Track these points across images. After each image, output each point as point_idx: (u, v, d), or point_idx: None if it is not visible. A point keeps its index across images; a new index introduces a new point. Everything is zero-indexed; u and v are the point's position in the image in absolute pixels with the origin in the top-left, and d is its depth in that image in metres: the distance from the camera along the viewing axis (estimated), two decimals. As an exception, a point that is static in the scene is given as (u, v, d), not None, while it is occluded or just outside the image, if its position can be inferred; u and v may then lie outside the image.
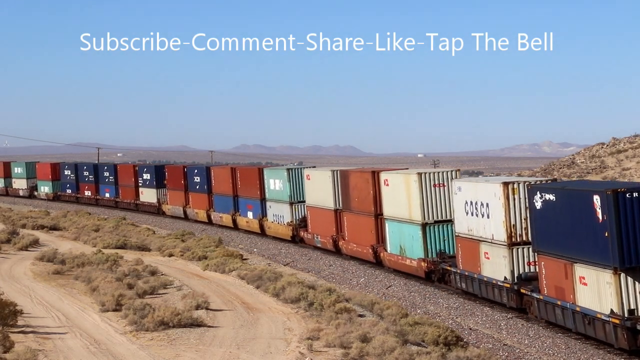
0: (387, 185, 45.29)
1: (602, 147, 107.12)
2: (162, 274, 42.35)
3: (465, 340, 30.19)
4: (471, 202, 36.88)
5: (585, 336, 29.92)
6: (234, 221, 69.18)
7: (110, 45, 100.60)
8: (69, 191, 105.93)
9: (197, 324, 29.82)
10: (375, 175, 47.17)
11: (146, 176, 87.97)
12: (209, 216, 74.29)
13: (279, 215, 61.40)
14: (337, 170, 52.98)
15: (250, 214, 66.61)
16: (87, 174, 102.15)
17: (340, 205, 51.75)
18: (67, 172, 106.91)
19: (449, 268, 39.87)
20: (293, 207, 59.52)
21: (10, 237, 56.83)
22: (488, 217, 35.43)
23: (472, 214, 36.91)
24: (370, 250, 47.41)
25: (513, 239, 34.10)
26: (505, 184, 34.33)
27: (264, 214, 64.00)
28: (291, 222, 59.52)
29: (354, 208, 49.76)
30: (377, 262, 47.18)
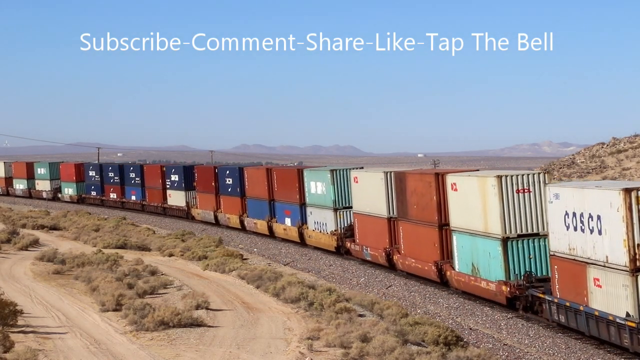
0: (455, 190, 38.54)
1: (602, 147, 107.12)
2: (162, 274, 42.34)
3: (465, 340, 30.18)
4: (574, 214, 29.63)
5: None
6: (270, 228, 62.40)
7: (110, 45, 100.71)
8: (93, 193, 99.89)
9: (197, 323, 29.82)
10: (439, 178, 40.50)
11: (174, 177, 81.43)
12: (241, 222, 67.73)
13: (321, 222, 54.58)
14: (390, 172, 46.26)
15: (288, 221, 59.78)
16: (113, 174, 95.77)
17: (395, 212, 45.01)
18: (91, 173, 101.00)
19: (541, 295, 32.48)
20: (337, 213, 52.65)
21: (10, 237, 56.84)
22: (600, 233, 28.15)
23: (575, 229, 29.63)
24: (433, 268, 40.48)
25: (638, 263, 26.68)
26: (627, 191, 26.80)
27: (303, 220, 57.12)
28: (336, 231, 52.53)
29: (412, 216, 42.92)
30: (443, 282, 40.42)
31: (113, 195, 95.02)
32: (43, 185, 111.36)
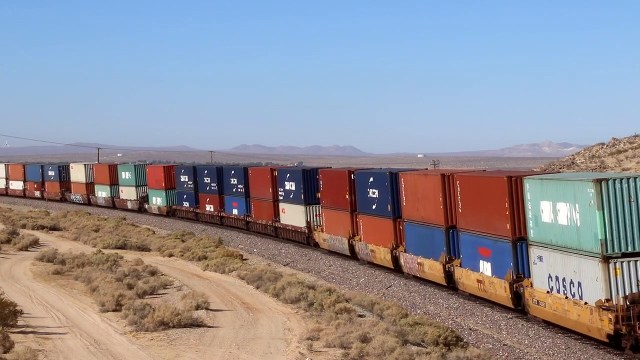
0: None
1: (602, 147, 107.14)
2: (162, 274, 42.36)
3: (465, 340, 30.17)
4: None
5: None
6: (448, 276, 39.21)
7: (111, 45, 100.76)
8: (186, 204, 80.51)
9: (197, 324, 29.81)
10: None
11: (289, 185, 59.96)
12: (394, 258, 44.80)
13: (568, 281, 30.12)
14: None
15: (485, 267, 35.94)
16: (209, 180, 75.85)
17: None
18: (183, 178, 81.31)
19: None
20: (614, 265, 28.46)
21: (10, 237, 56.83)
22: None
23: None
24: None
25: None
26: None
27: (521, 269, 33.55)
28: (608, 304, 29.33)
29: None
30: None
31: (209, 208, 75.75)
32: (128, 194, 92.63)
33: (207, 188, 75.85)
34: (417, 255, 42.01)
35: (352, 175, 50.23)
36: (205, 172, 76.85)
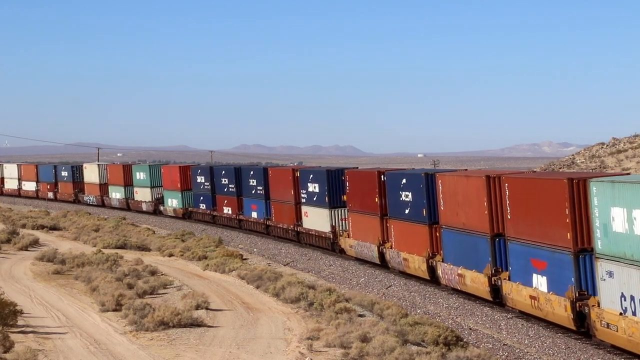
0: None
1: (602, 147, 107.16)
2: (162, 274, 42.37)
3: (465, 340, 30.17)
4: None
5: None
6: (494, 290, 35.02)
7: (111, 45, 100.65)
8: (202, 206, 76.83)
9: (197, 324, 29.82)
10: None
11: (313, 187, 55.92)
12: (431, 268, 40.46)
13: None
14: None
15: (539, 281, 31.60)
16: (226, 181, 72.17)
17: None
18: (200, 179, 77.70)
19: None
20: None
21: (10, 237, 56.85)
22: None
23: None
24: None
25: None
26: None
27: (584, 286, 29.44)
28: None
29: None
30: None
31: (227, 210, 71.91)
32: (143, 195, 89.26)
33: (225, 189, 72.11)
34: (457, 265, 37.80)
35: (383, 177, 46.11)
36: (223, 172, 72.82)
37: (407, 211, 42.69)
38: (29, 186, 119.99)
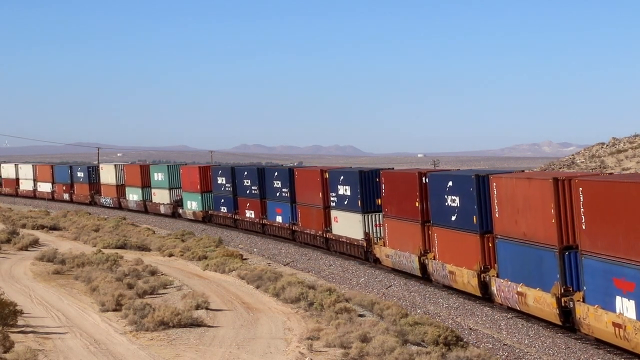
0: None
1: (602, 147, 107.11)
2: (162, 274, 42.37)
3: (465, 340, 30.17)
4: None
5: None
6: (562, 312, 30.14)
7: (111, 45, 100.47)
8: (223, 209, 72.58)
9: (197, 324, 29.82)
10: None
11: (343, 190, 50.84)
12: (482, 284, 35.92)
13: None
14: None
15: (624, 304, 26.44)
16: (249, 182, 67.58)
17: None
18: (220, 180, 73.54)
19: None
20: None
21: (10, 237, 56.88)
22: None
23: None
24: None
25: None
26: None
27: None
28: None
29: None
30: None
31: (249, 214, 67.49)
32: (161, 197, 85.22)
33: (247, 191, 67.62)
34: (515, 282, 32.86)
35: (424, 179, 41.14)
36: (245, 173, 68.43)
37: (453, 218, 38.04)
38: (45, 187, 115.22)
